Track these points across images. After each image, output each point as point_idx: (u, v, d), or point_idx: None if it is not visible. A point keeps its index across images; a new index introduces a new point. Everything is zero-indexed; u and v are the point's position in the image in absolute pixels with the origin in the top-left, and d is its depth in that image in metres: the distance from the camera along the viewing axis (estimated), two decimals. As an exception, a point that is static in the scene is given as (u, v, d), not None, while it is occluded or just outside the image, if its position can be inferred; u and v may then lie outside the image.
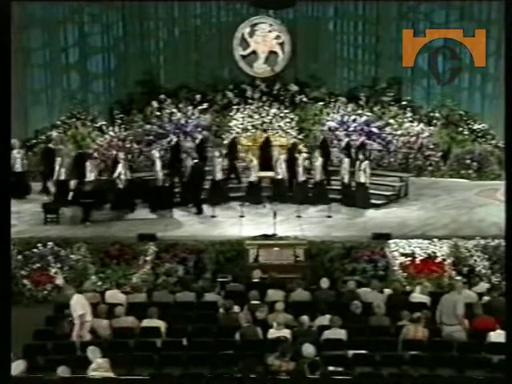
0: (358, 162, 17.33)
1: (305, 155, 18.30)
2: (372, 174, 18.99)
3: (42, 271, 13.85)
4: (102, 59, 22.21)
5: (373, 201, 17.43)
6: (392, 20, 21.88)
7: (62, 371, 8.71)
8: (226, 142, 20.31)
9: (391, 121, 20.88)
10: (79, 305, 10.83)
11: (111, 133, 20.29)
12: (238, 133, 20.57)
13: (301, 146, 20.23)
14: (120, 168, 16.88)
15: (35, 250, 14.10)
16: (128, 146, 19.95)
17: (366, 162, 17.35)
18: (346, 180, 17.44)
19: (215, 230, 15.73)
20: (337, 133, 20.53)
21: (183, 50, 22.31)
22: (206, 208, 16.93)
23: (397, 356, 10.19)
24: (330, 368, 9.43)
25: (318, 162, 17.58)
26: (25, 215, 16.27)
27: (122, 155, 17.55)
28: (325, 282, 12.33)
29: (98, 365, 9.07)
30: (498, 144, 20.10)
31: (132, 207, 16.57)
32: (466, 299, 11.38)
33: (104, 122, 20.87)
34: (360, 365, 9.86)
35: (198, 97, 21.20)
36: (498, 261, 13.71)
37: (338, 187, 17.90)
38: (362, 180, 17.14)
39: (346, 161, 17.70)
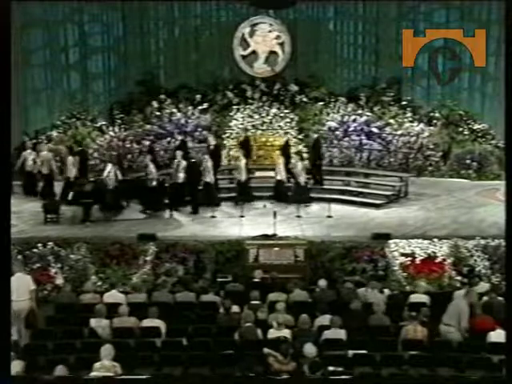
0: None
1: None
2: (372, 174, 19.17)
3: (42, 271, 13.84)
4: (102, 59, 22.23)
5: (373, 201, 17.46)
6: (392, 20, 21.88)
7: (60, 370, 8.72)
8: (225, 141, 20.36)
9: (391, 121, 20.85)
10: None
11: (111, 133, 20.27)
12: (238, 133, 20.60)
13: (301, 147, 20.32)
14: (109, 168, 16.81)
15: (35, 250, 14.10)
16: (128, 145, 19.96)
17: (299, 162, 17.75)
18: (280, 177, 17.78)
19: (215, 230, 15.72)
20: (336, 133, 20.56)
21: (183, 50, 22.32)
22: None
23: (397, 356, 10.20)
24: (330, 368, 9.44)
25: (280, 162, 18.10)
26: (25, 215, 16.27)
27: (112, 154, 17.51)
28: (323, 282, 12.36)
29: (102, 365, 9.08)
30: (498, 144, 20.08)
31: (120, 208, 16.58)
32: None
33: (104, 122, 20.87)
34: (360, 365, 9.87)
35: (198, 97, 21.18)
36: (498, 261, 13.71)
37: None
38: (300, 179, 17.56)
39: (282, 160, 17.92)
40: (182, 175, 16.93)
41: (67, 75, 21.85)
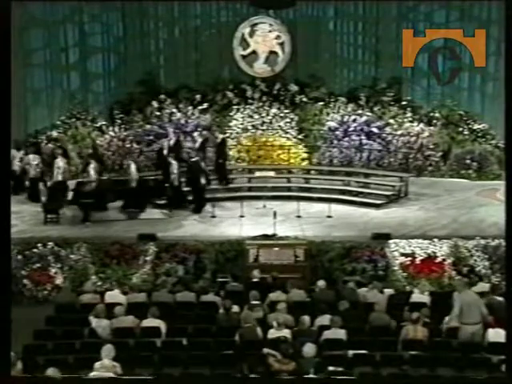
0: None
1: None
2: (372, 174, 19.18)
3: (42, 271, 13.85)
4: (102, 59, 22.20)
5: (373, 201, 17.46)
6: (392, 20, 21.87)
7: (52, 372, 8.71)
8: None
9: (391, 121, 20.85)
10: None
11: (111, 133, 20.27)
12: (238, 133, 20.60)
13: (301, 146, 20.35)
14: (91, 168, 16.73)
15: (35, 250, 14.11)
16: (128, 145, 19.96)
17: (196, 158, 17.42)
18: (176, 182, 17.03)
19: (215, 229, 15.73)
20: (336, 133, 20.57)
21: (183, 50, 22.30)
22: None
23: (397, 356, 10.19)
24: (330, 368, 9.44)
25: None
26: (25, 215, 16.27)
27: (92, 154, 17.63)
28: (322, 283, 12.37)
29: (102, 365, 9.09)
30: (498, 144, 20.08)
31: (103, 208, 16.51)
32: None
33: (104, 122, 20.86)
34: (360, 365, 9.87)
35: (197, 97, 21.17)
36: (498, 261, 13.72)
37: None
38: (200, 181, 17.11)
39: (174, 164, 17.14)
40: (174, 177, 16.90)
41: (67, 75, 21.83)
